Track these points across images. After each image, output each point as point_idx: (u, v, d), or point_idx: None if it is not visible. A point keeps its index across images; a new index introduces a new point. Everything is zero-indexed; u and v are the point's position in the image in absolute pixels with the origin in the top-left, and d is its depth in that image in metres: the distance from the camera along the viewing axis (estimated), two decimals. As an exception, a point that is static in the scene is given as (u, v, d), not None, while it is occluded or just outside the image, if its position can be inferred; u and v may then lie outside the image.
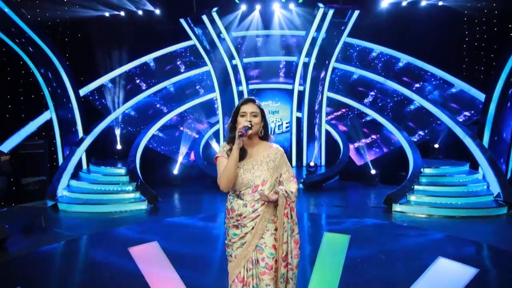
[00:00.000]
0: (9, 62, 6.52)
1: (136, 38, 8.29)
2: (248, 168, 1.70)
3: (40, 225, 4.43)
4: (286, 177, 1.79)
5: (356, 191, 6.97)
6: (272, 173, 1.72)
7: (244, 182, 1.69)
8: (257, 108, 1.74)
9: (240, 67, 8.72)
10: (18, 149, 6.38)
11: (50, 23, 7.24)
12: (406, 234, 4.32)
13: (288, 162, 1.87)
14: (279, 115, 9.28)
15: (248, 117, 1.69)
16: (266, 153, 1.75)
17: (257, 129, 1.72)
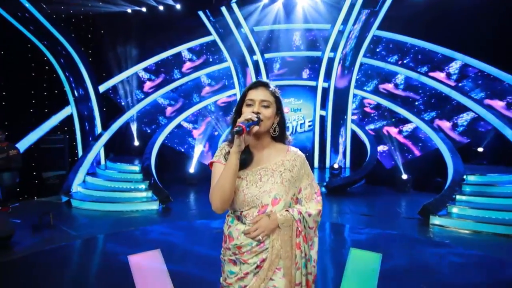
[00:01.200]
0: (33, 59, 6.42)
1: (157, 33, 7.99)
2: (253, 179, 1.19)
3: (48, 223, 4.17)
4: (307, 194, 1.27)
5: (385, 197, 6.17)
6: (287, 187, 1.20)
7: (247, 199, 1.17)
8: (271, 95, 1.21)
9: (261, 62, 8.19)
10: (40, 143, 6.30)
11: (73, 19, 7.13)
12: (450, 255, 3.55)
13: (311, 173, 1.33)
14: (301, 113, 8.62)
15: (256, 107, 1.17)
16: (280, 159, 1.24)
17: (268, 126, 1.20)
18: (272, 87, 1.25)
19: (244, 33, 7.69)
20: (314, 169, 8.24)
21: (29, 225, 4.09)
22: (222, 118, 8.60)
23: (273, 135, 1.24)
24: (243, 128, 1.05)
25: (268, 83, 1.24)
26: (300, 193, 1.27)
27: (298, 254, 1.17)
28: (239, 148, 1.11)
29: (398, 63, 7.69)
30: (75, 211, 4.98)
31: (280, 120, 1.27)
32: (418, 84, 7.43)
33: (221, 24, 7.55)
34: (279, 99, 1.26)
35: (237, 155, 1.12)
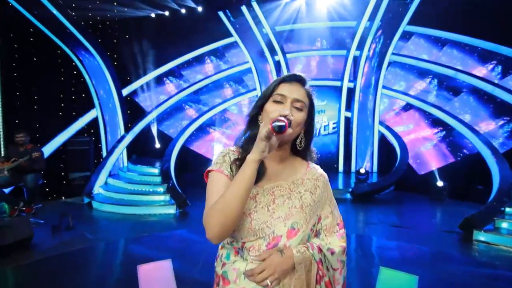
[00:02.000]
0: (62, 64, 6.59)
1: (179, 36, 7.94)
2: (265, 200, 0.88)
3: (68, 225, 4.13)
4: (328, 225, 0.97)
5: (418, 206, 5.56)
6: (308, 215, 0.90)
7: (254, 227, 0.86)
8: (306, 96, 0.93)
9: (282, 62, 7.85)
10: (67, 145, 6.43)
11: (100, 25, 7.26)
12: (498, 279, 2.99)
13: (334, 198, 1.03)
14: (325, 115, 8.16)
15: (288, 106, 0.88)
16: (299, 177, 0.95)
17: (294, 134, 0.90)
18: (309, 86, 0.95)
19: (265, 32, 7.40)
20: (339, 173, 7.74)
21: (51, 225, 4.08)
22: (242, 120, 8.36)
23: (299, 148, 0.94)
24: (286, 124, 0.74)
25: (305, 79, 0.94)
26: (319, 223, 0.95)
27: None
28: (262, 155, 0.78)
29: (432, 59, 6.99)
30: (95, 213, 4.95)
31: (308, 130, 0.96)
32: (455, 82, 6.70)
33: (241, 24, 7.32)
34: (313, 104, 0.95)
35: (257, 164, 0.79)
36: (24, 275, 2.99)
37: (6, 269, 3.02)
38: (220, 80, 8.37)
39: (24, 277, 2.97)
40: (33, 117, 6.03)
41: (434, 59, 6.93)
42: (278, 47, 7.62)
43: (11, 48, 5.75)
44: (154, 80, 7.80)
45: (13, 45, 5.81)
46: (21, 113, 5.88)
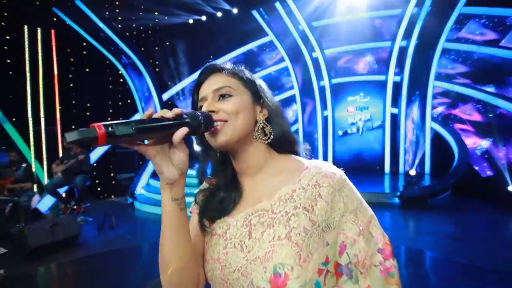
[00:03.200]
0: (110, 73, 7.04)
1: (216, 40, 7.98)
2: (238, 235, 0.61)
3: (111, 225, 4.30)
4: (361, 255, 0.58)
5: (482, 215, 4.73)
6: (306, 247, 0.56)
7: (227, 277, 0.59)
8: (231, 78, 0.67)
9: (321, 59, 7.39)
10: (116, 147, 6.83)
11: (142, 34, 7.61)
12: None
13: (366, 206, 0.65)
14: (368, 112, 7.51)
15: (206, 105, 0.64)
16: (288, 189, 0.63)
17: (243, 126, 0.64)
18: (232, 67, 0.70)
19: (301, 29, 7.04)
20: (385, 175, 7.04)
21: (96, 225, 4.30)
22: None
23: (265, 142, 0.66)
24: (96, 131, 0.44)
25: (223, 64, 0.70)
26: (345, 254, 0.59)
27: None
28: (165, 178, 0.56)
29: (496, 44, 5.95)
30: (137, 213, 5.13)
31: (270, 114, 0.68)
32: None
33: (276, 21, 7.05)
34: (251, 81, 0.69)
35: (168, 190, 0.57)
36: (70, 271, 3.13)
37: (54, 265, 3.18)
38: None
39: (70, 273, 3.11)
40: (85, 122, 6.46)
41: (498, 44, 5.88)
42: (316, 43, 7.20)
43: (68, 61, 6.28)
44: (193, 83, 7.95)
45: (69, 58, 6.33)
46: (76, 119, 6.38)
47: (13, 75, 5.43)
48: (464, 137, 6.03)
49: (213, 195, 0.67)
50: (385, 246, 0.62)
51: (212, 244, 0.63)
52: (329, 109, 7.68)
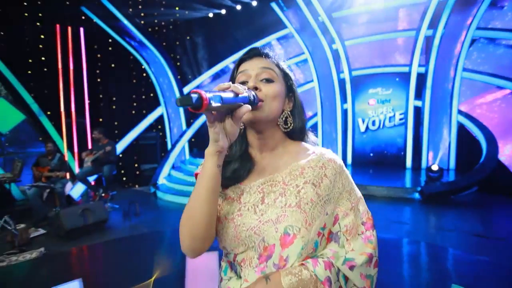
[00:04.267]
0: (134, 68, 7.34)
1: (236, 33, 8.06)
2: (252, 201, 0.72)
3: (135, 211, 4.59)
4: (349, 226, 0.73)
5: (509, 212, 4.54)
6: (310, 214, 0.69)
7: (240, 235, 0.70)
8: (273, 65, 0.76)
9: (341, 51, 7.28)
10: (139, 139, 7.19)
11: (164, 29, 7.83)
12: None
13: (356, 190, 0.79)
14: (390, 105, 7.31)
15: (252, 81, 0.72)
16: (297, 166, 0.74)
17: (274, 111, 0.73)
18: (274, 56, 0.78)
19: (321, 20, 6.95)
20: (407, 170, 6.88)
21: (122, 211, 4.61)
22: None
23: (284, 130, 0.76)
24: (202, 97, 0.52)
25: (268, 52, 0.77)
26: (337, 224, 0.73)
27: None
28: (217, 146, 0.63)
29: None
30: (159, 201, 5.41)
31: (295, 107, 0.78)
32: None
33: (295, 13, 7.01)
34: (288, 75, 0.78)
35: (216, 157, 0.64)
36: (100, 252, 3.41)
37: (86, 245, 3.49)
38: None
39: (99, 253, 3.39)
40: (112, 116, 6.89)
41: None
42: (336, 35, 7.08)
43: (95, 58, 6.63)
44: (212, 77, 8.10)
45: (96, 54, 6.68)
46: (103, 112, 6.76)
47: (47, 71, 5.83)
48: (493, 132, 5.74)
49: (227, 164, 0.74)
50: (368, 220, 0.75)
51: (227, 206, 0.73)
52: (349, 102, 7.57)
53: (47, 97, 5.79)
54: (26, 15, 5.46)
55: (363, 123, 7.64)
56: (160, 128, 7.64)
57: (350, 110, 7.57)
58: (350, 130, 7.65)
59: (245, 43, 8.05)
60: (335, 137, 7.77)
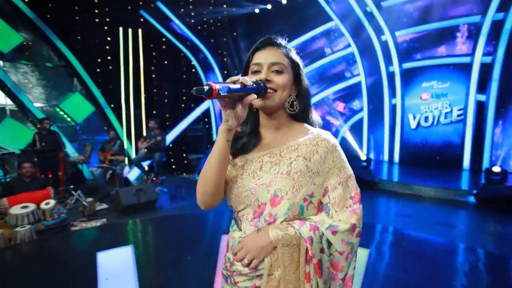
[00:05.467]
0: (184, 65, 7.97)
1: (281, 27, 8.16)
2: (252, 168, 0.87)
3: (181, 195, 5.09)
4: (337, 199, 0.85)
5: None
6: (297, 182, 0.82)
7: (241, 195, 0.87)
8: (285, 57, 0.87)
9: (391, 43, 6.93)
10: (188, 131, 7.81)
11: (212, 27, 8.31)
12: None
13: (348, 167, 0.89)
14: (447, 100, 6.74)
15: (264, 73, 0.84)
16: (295, 142, 0.88)
17: (283, 98, 0.86)
18: (286, 46, 0.89)
19: (369, 11, 6.69)
20: (463, 171, 6.29)
21: (169, 194, 5.16)
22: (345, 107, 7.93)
23: (290, 112, 0.89)
24: (212, 88, 0.68)
25: (280, 41, 0.89)
26: (327, 196, 0.85)
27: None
28: (227, 125, 0.79)
29: None
30: (202, 188, 5.86)
31: (300, 92, 0.90)
32: None
33: (341, 5, 6.86)
34: (297, 64, 0.89)
35: (225, 134, 0.80)
36: (150, 225, 3.92)
37: (139, 219, 4.03)
38: (322, 67, 8.15)
39: (150, 227, 3.90)
40: (164, 109, 7.60)
41: None
42: (385, 25, 6.75)
43: (151, 56, 7.38)
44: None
45: (152, 53, 7.43)
46: (157, 105, 7.50)
47: (112, 69, 6.71)
48: None
49: (238, 139, 0.91)
50: (356, 195, 0.87)
51: (233, 172, 0.90)
52: (398, 97, 7.17)
53: (111, 91, 6.68)
54: (97, 20, 6.35)
55: (414, 119, 7.16)
56: (206, 121, 8.19)
57: (399, 105, 7.17)
58: (398, 126, 7.25)
59: (290, 37, 8.14)
60: (382, 134, 7.45)
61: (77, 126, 6.31)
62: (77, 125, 6.31)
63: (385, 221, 4.17)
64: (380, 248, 3.18)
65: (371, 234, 3.51)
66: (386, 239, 3.50)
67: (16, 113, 5.64)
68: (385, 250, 3.19)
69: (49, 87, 6.10)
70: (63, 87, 6.26)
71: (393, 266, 2.79)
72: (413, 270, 2.63)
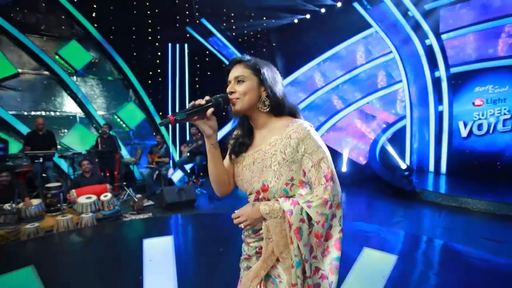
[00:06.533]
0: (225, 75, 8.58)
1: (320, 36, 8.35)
2: (248, 163, 1.12)
3: (218, 197, 5.50)
4: (312, 179, 1.04)
5: None
6: (277, 172, 1.05)
7: (243, 185, 1.14)
8: (246, 68, 1.08)
9: (436, 46, 6.68)
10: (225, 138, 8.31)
11: (252, 39, 8.83)
12: None
13: (320, 150, 1.06)
14: (505, 105, 6.23)
15: (230, 86, 1.09)
16: (274, 139, 1.08)
17: (250, 101, 1.07)
18: (250, 60, 1.10)
19: (410, 15, 6.57)
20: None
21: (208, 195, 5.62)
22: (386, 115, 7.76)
23: (262, 110, 1.09)
24: (170, 119, 0.95)
25: (242, 58, 1.10)
26: (306, 177, 1.05)
27: (291, 250, 1.02)
28: (205, 134, 1.07)
29: None
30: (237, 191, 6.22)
31: (268, 92, 1.08)
32: None
33: (379, 10, 6.85)
34: (259, 70, 1.07)
35: (207, 140, 1.09)
36: (189, 220, 4.37)
37: (180, 215, 4.51)
38: (361, 75, 8.12)
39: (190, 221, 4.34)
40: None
41: None
42: (429, 29, 6.55)
43: (195, 67, 8.13)
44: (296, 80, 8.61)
45: (196, 65, 8.17)
46: (199, 113, 8.15)
47: (161, 81, 7.56)
48: None
49: (237, 140, 1.18)
50: (328, 174, 1.04)
51: (237, 168, 1.16)
52: (445, 104, 6.83)
53: (159, 101, 7.50)
54: (150, 38, 7.27)
55: (466, 127, 6.72)
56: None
57: (446, 112, 6.81)
58: (445, 135, 6.87)
59: (328, 46, 8.27)
60: (427, 143, 7.12)
61: (130, 131, 7.20)
62: (130, 130, 7.20)
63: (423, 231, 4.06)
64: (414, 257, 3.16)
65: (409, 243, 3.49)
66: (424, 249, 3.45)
67: (83, 120, 6.68)
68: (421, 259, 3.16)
69: (109, 98, 7.10)
70: (120, 97, 7.24)
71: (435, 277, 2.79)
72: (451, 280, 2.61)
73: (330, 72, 8.53)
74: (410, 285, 2.50)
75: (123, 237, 3.70)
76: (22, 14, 6.03)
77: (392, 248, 3.15)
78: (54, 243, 3.40)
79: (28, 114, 6.06)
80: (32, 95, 6.16)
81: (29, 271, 2.51)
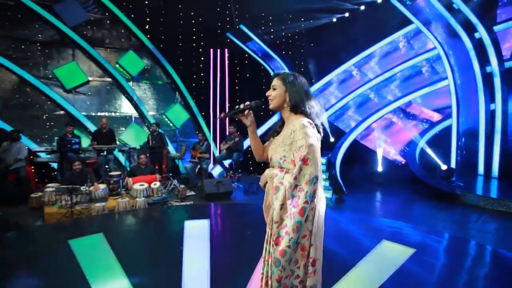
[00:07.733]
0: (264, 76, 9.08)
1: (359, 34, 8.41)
2: (275, 144, 1.59)
3: (253, 190, 6.01)
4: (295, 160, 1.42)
5: None
6: (277, 150, 1.52)
7: (268, 155, 1.64)
8: (278, 80, 1.57)
9: (486, 39, 6.36)
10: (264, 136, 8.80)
11: (290, 40, 9.20)
12: None
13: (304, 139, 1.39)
14: None
15: (268, 93, 1.60)
16: (287, 128, 1.53)
17: (279, 103, 1.56)
18: (283, 74, 1.58)
19: (456, 7, 6.35)
20: None
21: (243, 189, 6.16)
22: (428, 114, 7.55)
23: (287, 109, 1.56)
24: (221, 115, 1.68)
25: (279, 72, 1.62)
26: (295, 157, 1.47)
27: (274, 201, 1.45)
28: (247, 125, 1.65)
29: None
30: (272, 187, 6.66)
31: (289, 96, 1.54)
32: None
33: (420, 5, 6.72)
34: (286, 81, 1.56)
35: (249, 129, 1.66)
36: (224, 208, 4.92)
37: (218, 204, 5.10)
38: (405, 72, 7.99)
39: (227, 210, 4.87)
40: (244, 116, 8.82)
41: None
42: (478, 21, 6.26)
43: (235, 70, 8.76)
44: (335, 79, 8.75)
45: (236, 67, 8.81)
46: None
47: (203, 83, 8.34)
48: None
49: (274, 128, 1.68)
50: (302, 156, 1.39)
51: (269, 146, 1.65)
52: (498, 101, 6.46)
53: (202, 102, 8.29)
54: (194, 45, 8.10)
55: (522, 126, 6.28)
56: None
57: (499, 110, 6.43)
58: (498, 135, 6.48)
59: (368, 44, 8.27)
60: (476, 143, 6.77)
61: (176, 130, 8.09)
62: (176, 129, 8.09)
63: (452, 231, 4.06)
64: (433, 251, 3.28)
65: (431, 239, 3.60)
66: (446, 245, 3.52)
67: (137, 119, 7.74)
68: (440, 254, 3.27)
69: (158, 100, 8.09)
70: (168, 99, 8.19)
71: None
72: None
73: (369, 70, 8.52)
74: (421, 276, 2.68)
75: (168, 218, 4.40)
76: (92, 31, 7.26)
77: (411, 242, 3.31)
78: (116, 219, 4.22)
79: (95, 115, 7.26)
80: (98, 99, 7.37)
81: (99, 236, 3.28)
